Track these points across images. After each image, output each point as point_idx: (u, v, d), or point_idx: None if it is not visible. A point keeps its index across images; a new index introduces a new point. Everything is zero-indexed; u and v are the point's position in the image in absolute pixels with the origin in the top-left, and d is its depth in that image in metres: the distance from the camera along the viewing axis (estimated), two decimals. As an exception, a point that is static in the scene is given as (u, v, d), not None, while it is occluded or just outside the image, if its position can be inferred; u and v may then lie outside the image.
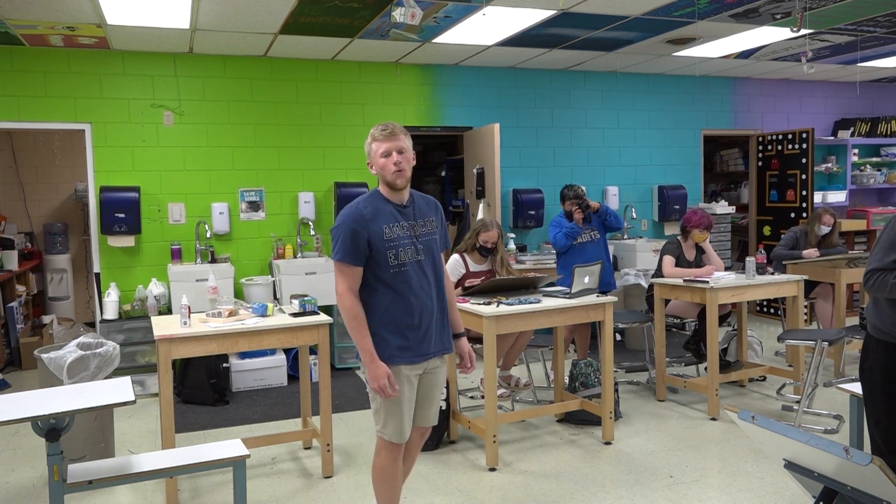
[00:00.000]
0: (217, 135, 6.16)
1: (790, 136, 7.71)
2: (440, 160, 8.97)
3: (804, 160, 7.54)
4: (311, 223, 6.23)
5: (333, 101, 6.49)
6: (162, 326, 3.65)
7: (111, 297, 5.59)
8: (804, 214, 7.50)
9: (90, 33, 5.27)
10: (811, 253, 5.98)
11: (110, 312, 5.57)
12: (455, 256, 4.75)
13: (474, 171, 6.56)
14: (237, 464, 2.93)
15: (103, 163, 5.85)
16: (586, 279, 4.27)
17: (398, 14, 4.04)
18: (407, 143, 2.74)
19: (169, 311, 5.58)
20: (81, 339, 3.90)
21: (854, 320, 5.37)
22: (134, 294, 5.75)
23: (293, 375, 5.75)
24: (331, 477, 3.85)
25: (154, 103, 5.97)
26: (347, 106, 6.54)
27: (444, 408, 4.21)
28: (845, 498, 2.01)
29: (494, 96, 7.03)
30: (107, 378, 3.77)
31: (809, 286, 5.82)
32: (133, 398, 2.74)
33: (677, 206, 7.52)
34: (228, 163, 6.19)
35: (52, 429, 2.66)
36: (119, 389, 2.87)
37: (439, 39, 5.73)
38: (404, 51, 6.16)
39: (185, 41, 5.61)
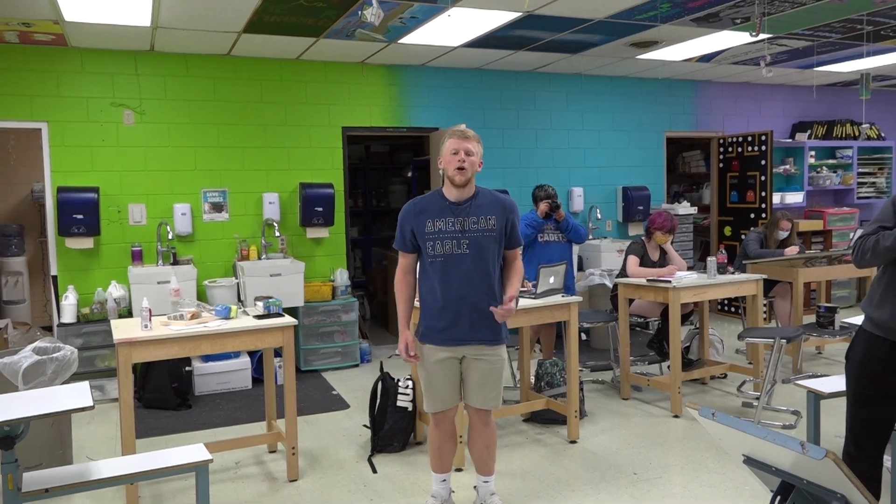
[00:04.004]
0: (179, 135, 6.06)
1: (750, 139, 7.88)
2: (407, 161, 8.95)
3: (763, 162, 7.71)
4: (275, 224, 6.17)
5: (299, 101, 6.44)
6: (122, 330, 3.57)
7: (69, 301, 5.46)
8: (763, 215, 7.66)
9: (47, 30, 5.14)
10: (793, 250, 6.13)
11: (68, 316, 5.45)
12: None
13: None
14: (200, 469, 2.89)
15: (61, 163, 5.71)
16: (551, 279, 4.30)
17: (369, 14, 4.03)
18: (476, 148, 3.08)
19: (129, 315, 5.47)
20: (38, 344, 3.80)
21: (811, 318, 5.50)
22: (93, 297, 5.62)
23: (258, 378, 5.68)
24: (296, 480, 3.82)
25: (114, 102, 5.85)
26: (313, 106, 6.49)
27: (409, 409, 4.21)
28: (801, 491, 2.06)
29: (461, 97, 7.05)
30: (65, 383, 3.68)
31: (768, 285, 5.94)
32: (91, 403, 2.67)
33: (641, 207, 7.62)
34: (191, 163, 6.10)
35: (6, 436, 2.58)
36: (77, 395, 2.80)
37: (405, 40, 5.72)
38: (370, 51, 6.13)
39: (147, 39, 5.51)
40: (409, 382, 4.27)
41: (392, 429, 4.19)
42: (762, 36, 5.84)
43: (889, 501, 3.05)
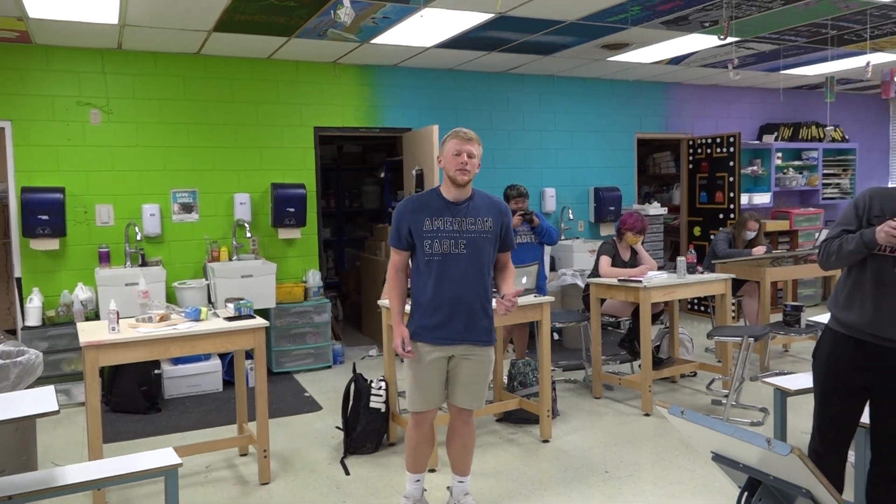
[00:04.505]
0: (148, 134, 5.97)
1: (719, 140, 8.00)
2: (380, 161, 8.93)
3: (732, 163, 7.83)
4: (246, 225, 6.10)
5: (270, 100, 6.38)
6: (88, 333, 3.51)
7: (34, 303, 5.35)
8: (732, 216, 7.79)
9: (10, 26, 5.03)
10: (760, 250, 6.25)
11: (33, 319, 5.33)
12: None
13: (413, 172, 6.55)
14: (169, 473, 2.85)
15: (25, 162, 5.59)
16: (524, 280, 4.32)
17: (342, 13, 4.01)
18: (477, 150, 3.11)
19: (97, 317, 5.38)
20: (1, 348, 3.71)
21: (778, 317, 5.61)
22: (59, 299, 5.51)
23: (229, 381, 5.61)
24: (268, 483, 3.78)
25: (80, 101, 5.74)
26: (284, 106, 6.44)
27: (382, 410, 4.20)
28: (768, 487, 2.09)
29: (433, 98, 7.05)
30: (29, 387, 3.60)
31: (736, 285, 6.03)
32: (56, 408, 2.62)
33: (612, 208, 7.69)
34: (160, 163, 6.01)
35: (-33, 442, 2.52)
36: (42, 399, 2.75)
37: (378, 40, 5.70)
38: (343, 51, 6.11)
39: (114, 37, 5.42)
40: (382, 384, 4.26)
41: (365, 430, 4.17)
42: (730, 39, 5.93)
43: (853, 495, 3.12)
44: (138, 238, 5.73)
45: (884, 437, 2.69)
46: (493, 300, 3.24)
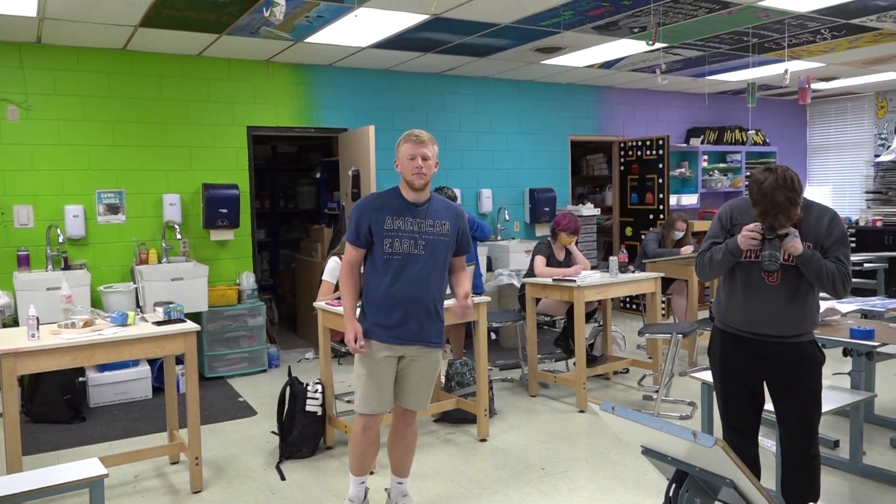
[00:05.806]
0: (70, 132, 5.72)
1: (648, 143, 8.24)
2: (315, 162, 8.82)
3: (661, 165, 8.08)
4: (177, 226, 5.92)
5: (201, 98, 6.21)
6: (5, 340, 3.35)
7: (-54, 310, 5.06)
8: (661, 216, 8.03)
9: (-83, 17, 4.75)
10: (687, 250, 6.47)
11: (-55, 326, 5.04)
12: (335, 259, 4.69)
13: (349, 173, 6.50)
14: (94, 485, 2.74)
15: (-65, 161, 5.28)
16: (461, 280, 4.34)
17: (278, 11, 3.94)
18: (432, 151, 3.12)
19: (16, 324, 5.12)
20: None
21: (706, 313, 5.81)
22: (-27, 305, 5.23)
23: (159, 387, 5.44)
24: (200, 492, 3.68)
25: (-4, 96, 5.47)
26: (216, 104, 6.28)
27: (318, 413, 4.15)
28: (695, 479, 2.17)
29: (369, 98, 7.01)
30: (-60, 399, 3.40)
31: (665, 283, 6.23)
32: (-30, 420, 2.49)
33: (547, 209, 7.82)
34: (83, 162, 5.77)
35: None
36: (-47, 411, 2.60)
37: (312, 39, 5.63)
38: (276, 49, 6.00)
39: (33, 30, 5.17)
40: (319, 387, 4.21)
41: (301, 434, 4.11)
42: (658, 45, 6.12)
43: (773, 483, 3.26)
44: (60, 240, 5.49)
45: (788, 421, 2.88)
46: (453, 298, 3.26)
